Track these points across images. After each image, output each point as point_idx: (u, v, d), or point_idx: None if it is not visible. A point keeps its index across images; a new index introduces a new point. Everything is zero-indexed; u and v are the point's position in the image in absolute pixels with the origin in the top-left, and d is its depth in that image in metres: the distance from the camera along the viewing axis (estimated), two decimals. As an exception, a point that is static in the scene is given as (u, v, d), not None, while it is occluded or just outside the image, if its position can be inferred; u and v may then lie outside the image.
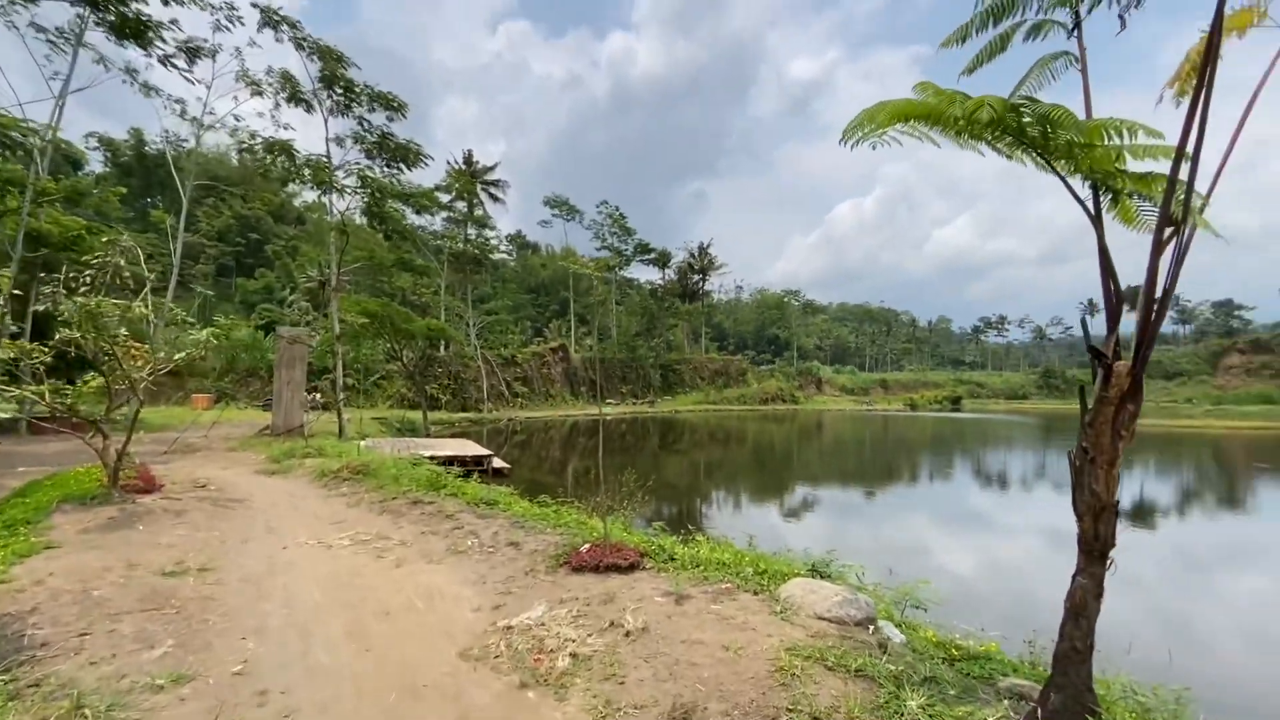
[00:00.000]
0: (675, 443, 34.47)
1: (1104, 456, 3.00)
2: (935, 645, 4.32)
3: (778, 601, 4.94)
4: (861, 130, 3.78)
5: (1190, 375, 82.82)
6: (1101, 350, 3.07)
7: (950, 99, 3.13)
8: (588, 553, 6.20)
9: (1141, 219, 3.34)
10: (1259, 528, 14.99)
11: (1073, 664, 3.00)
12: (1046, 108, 2.97)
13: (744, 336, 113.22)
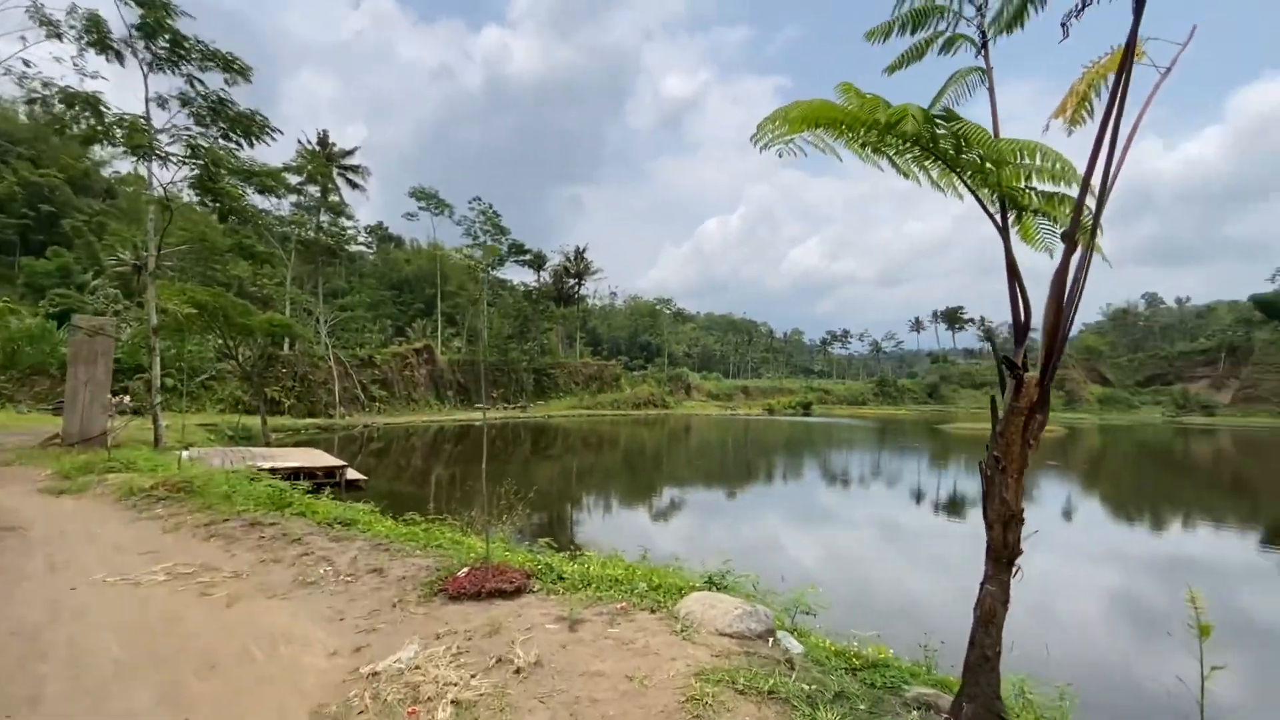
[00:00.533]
0: (549, 448, 33.74)
1: (1014, 465, 3.08)
2: (835, 654, 4.30)
3: (677, 619, 4.69)
4: (772, 130, 3.65)
5: (992, 385, 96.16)
6: (1015, 363, 3.15)
7: (875, 104, 3.08)
8: (467, 577, 5.58)
9: (1040, 239, 3.52)
10: (1044, 515, 17.40)
11: (983, 672, 3.03)
12: (963, 123, 3.01)
13: (618, 342, 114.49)
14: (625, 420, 54.69)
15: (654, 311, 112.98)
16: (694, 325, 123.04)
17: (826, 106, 3.29)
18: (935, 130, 3.09)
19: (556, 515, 16.21)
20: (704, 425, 53.07)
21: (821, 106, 3.31)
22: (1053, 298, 3.08)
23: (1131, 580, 11.62)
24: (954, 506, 18.94)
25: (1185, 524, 17.02)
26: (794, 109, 3.34)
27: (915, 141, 3.28)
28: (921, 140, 3.22)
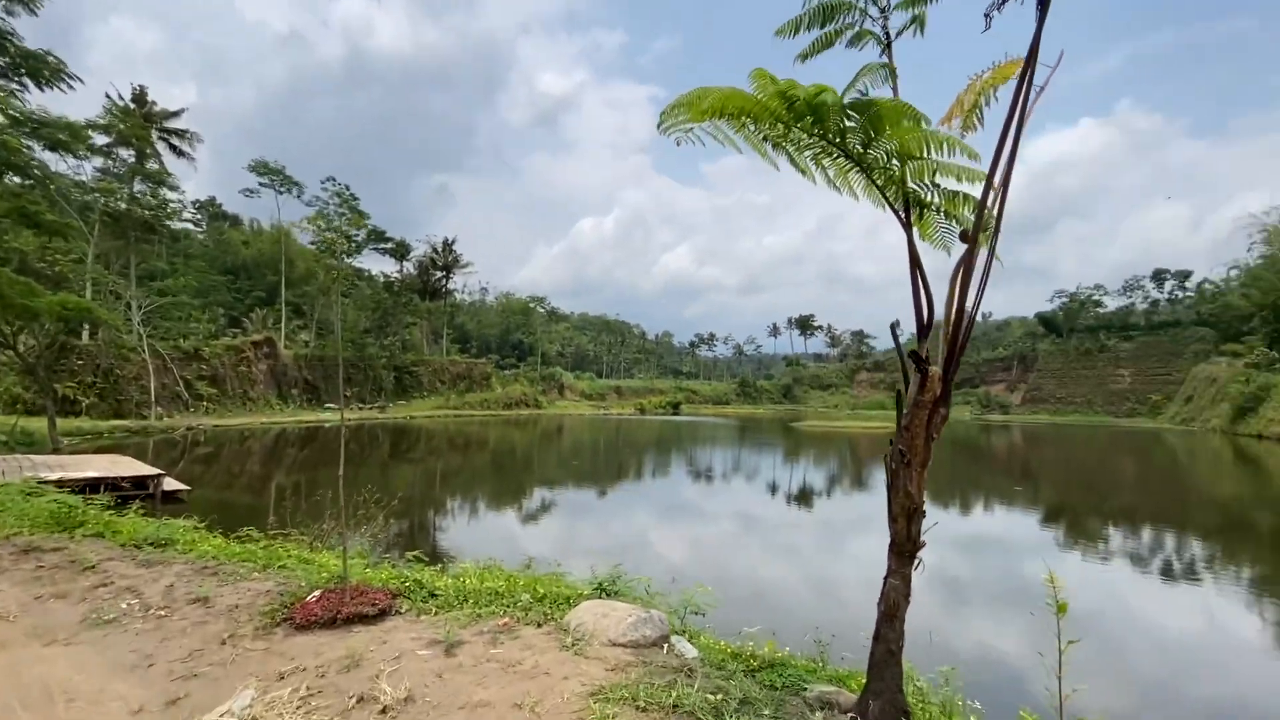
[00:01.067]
0: (411, 451, 31.60)
1: (918, 459, 3.10)
2: (732, 656, 4.19)
3: (567, 632, 4.35)
4: (676, 117, 3.46)
5: (837, 387, 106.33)
6: (922, 356, 3.18)
7: (791, 84, 2.97)
8: (319, 602, 4.81)
9: (939, 237, 3.62)
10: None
11: (888, 667, 3.03)
12: (880, 104, 2.95)
13: (488, 340, 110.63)
14: (496, 421, 52.85)
15: (527, 309, 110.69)
16: (568, 325, 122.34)
17: (739, 95, 3.14)
18: (845, 123, 3.05)
19: (423, 524, 15.05)
20: (577, 425, 52.76)
21: (734, 94, 3.15)
22: (954, 294, 3.16)
23: (968, 559, 13.06)
24: (805, 498, 20.37)
25: (986, 506, 19.69)
26: (707, 97, 3.16)
27: (822, 134, 3.22)
28: (829, 131, 3.17)
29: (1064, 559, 12.91)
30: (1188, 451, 38.03)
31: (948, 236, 3.62)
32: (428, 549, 8.61)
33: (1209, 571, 12.40)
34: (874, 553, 12.42)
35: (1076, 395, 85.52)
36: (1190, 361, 71.62)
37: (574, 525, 15.62)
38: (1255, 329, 58.91)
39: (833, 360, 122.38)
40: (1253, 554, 14.06)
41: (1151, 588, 11.20)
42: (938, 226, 3.64)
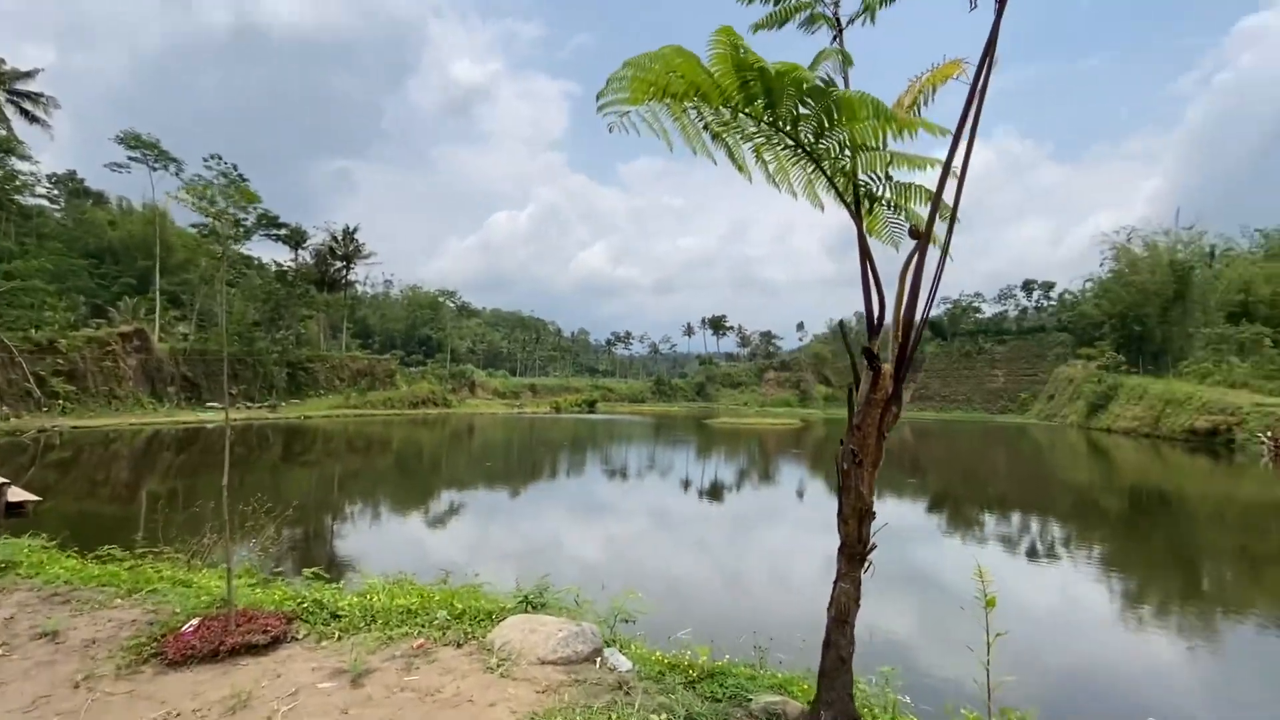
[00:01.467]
0: (306, 453, 29.39)
1: (870, 458, 3.07)
2: (669, 668, 4.02)
3: (491, 652, 4.03)
4: (618, 94, 3.17)
5: (747, 385, 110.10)
6: (874, 353, 3.14)
7: (758, 58, 2.76)
8: (197, 632, 4.20)
9: (888, 233, 3.61)
10: (782, 493, 20.16)
11: (839, 675, 2.96)
12: (842, 93, 2.84)
13: (393, 335, 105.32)
14: (401, 420, 50.28)
15: (436, 304, 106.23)
16: (480, 321, 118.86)
17: (690, 65, 2.84)
18: (799, 109, 2.93)
19: (321, 535, 13.92)
20: (489, 424, 51.22)
21: (685, 63, 2.83)
22: (903, 291, 3.15)
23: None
24: (720, 493, 20.83)
25: (878, 495, 21.02)
26: (653, 65, 2.89)
27: (773, 120, 3.07)
28: (781, 118, 3.02)
29: (948, 544, 13.97)
30: (1050, 445, 42.38)
31: (896, 232, 3.61)
32: (327, 563, 7.89)
33: (1066, 550, 13.86)
34: (793, 547, 12.86)
35: (958, 393, 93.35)
36: (1052, 363, 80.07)
37: (488, 530, 15.03)
38: (1105, 334, 66.49)
39: (743, 359, 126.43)
40: (1101, 534, 15.82)
41: (1019, 566, 12.27)
42: (887, 221, 3.63)
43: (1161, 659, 7.91)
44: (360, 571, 6.14)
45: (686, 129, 3.46)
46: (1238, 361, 44.61)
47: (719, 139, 3.55)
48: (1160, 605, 10.35)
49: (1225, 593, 11.19)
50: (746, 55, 2.75)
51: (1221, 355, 46.89)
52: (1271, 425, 31.67)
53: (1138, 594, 10.88)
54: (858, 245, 3.32)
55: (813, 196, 3.70)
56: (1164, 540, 15.43)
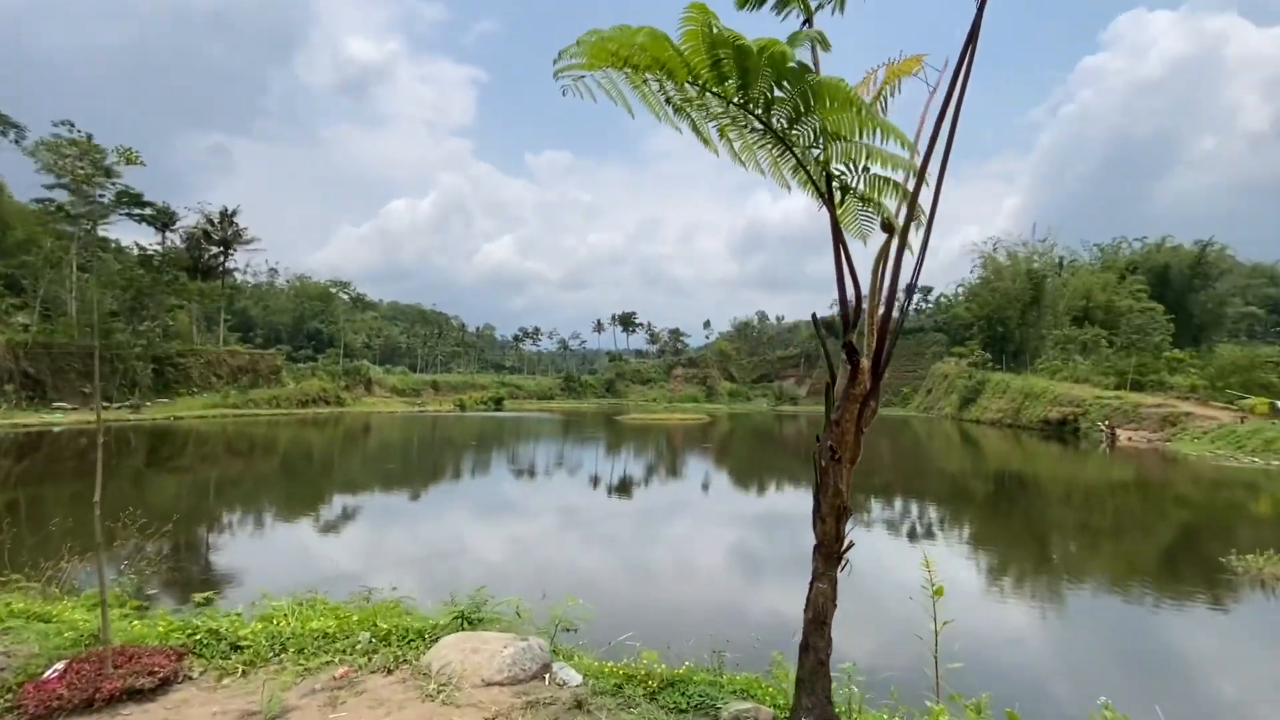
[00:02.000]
0: (174, 459, 26.50)
1: (848, 454, 3.10)
2: (625, 679, 3.90)
3: (428, 676, 3.78)
4: (576, 58, 2.98)
5: (656, 382, 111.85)
6: (855, 347, 3.18)
7: (736, 34, 2.68)
8: (65, 678, 3.65)
9: (857, 225, 3.65)
10: (688, 487, 20.78)
11: (818, 679, 2.91)
12: (817, 79, 2.81)
13: (278, 328, 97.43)
14: (288, 420, 46.57)
15: (327, 295, 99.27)
16: (376, 314, 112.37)
17: (658, 43, 2.72)
18: (774, 93, 2.90)
19: (205, 552, 12.61)
20: (388, 424, 48.59)
21: (653, 42, 2.71)
22: (879, 284, 3.23)
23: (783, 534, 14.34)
24: (632, 488, 21.04)
25: (778, 485, 22.35)
26: (613, 41, 2.75)
27: (744, 102, 3.00)
28: (753, 100, 2.96)
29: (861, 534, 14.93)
30: (928, 435, 46.36)
31: (866, 225, 3.64)
32: (218, 585, 7.11)
33: (943, 529, 15.37)
34: (719, 541, 13.09)
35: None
36: (930, 360, 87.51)
37: (399, 538, 14.22)
38: (974, 335, 73.49)
39: (652, 356, 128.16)
40: (972, 514, 17.58)
41: (900, 546, 13.39)
42: (857, 215, 3.58)
43: (1018, 624, 8.89)
44: (262, 592, 5.53)
45: (648, 98, 3.31)
46: (1081, 360, 50.82)
47: (682, 112, 3.44)
48: (1020, 575, 11.63)
49: (1074, 562, 12.72)
50: (721, 31, 2.64)
51: (1068, 354, 53.23)
52: (1109, 415, 36.41)
53: (1002, 567, 12.15)
54: (831, 234, 3.32)
55: (779, 178, 3.63)
56: (1024, 517, 17.33)
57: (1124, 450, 30.96)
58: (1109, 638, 8.61)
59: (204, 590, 5.58)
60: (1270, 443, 24.73)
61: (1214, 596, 9.83)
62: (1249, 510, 17.47)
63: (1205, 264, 62.77)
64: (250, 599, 5.47)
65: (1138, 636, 8.70)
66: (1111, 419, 35.89)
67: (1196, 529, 15.77)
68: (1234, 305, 67.90)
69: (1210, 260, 63.20)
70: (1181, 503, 19.04)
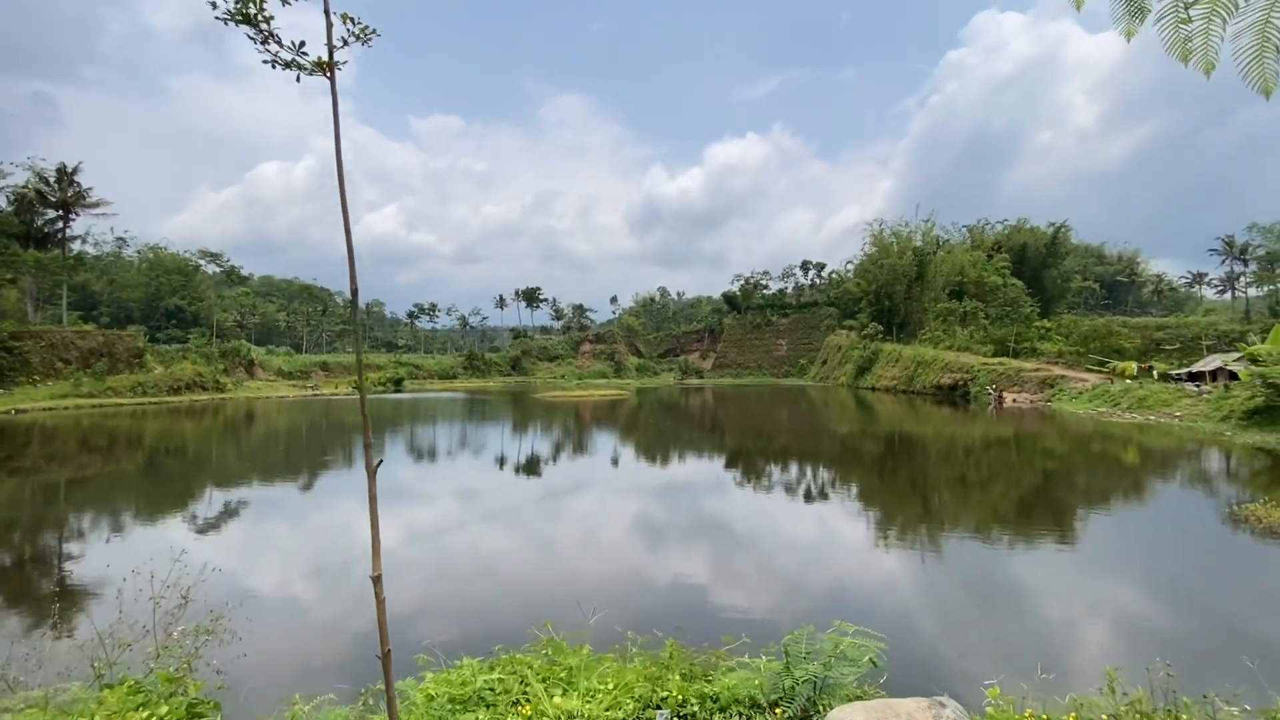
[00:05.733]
0: (10, 461, 22.40)
1: None
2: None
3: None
4: None
5: (563, 358, 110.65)
6: None
7: None
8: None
9: None
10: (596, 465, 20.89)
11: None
12: None
13: (128, 306, 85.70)
14: (159, 410, 41.05)
15: (185, 268, 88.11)
16: (247, 290, 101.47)
17: None
18: None
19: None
20: (279, 410, 44.24)
21: None
22: None
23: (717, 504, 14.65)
24: (530, 468, 20.66)
25: (683, 456, 23.72)
26: None
27: None
28: None
29: (740, 492, 16.37)
30: (835, 401, 49.61)
31: None
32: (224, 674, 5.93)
33: (838, 489, 16.74)
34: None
35: (751, 361, 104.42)
36: (824, 333, 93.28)
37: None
38: (863, 308, 79.11)
39: (556, 333, 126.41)
40: (865, 473, 19.09)
41: (797, 507, 14.57)
42: None
43: (898, 568, 9.92)
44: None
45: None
46: (960, 330, 56.29)
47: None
48: (923, 520, 12.77)
49: (983, 507, 14.09)
50: None
51: (948, 325, 58.74)
52: (995, 380, 40.72)
53: (910, 515, 13.25)
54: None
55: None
56: (921, 471, 19.03)
57: (1010, 411, 34.82)
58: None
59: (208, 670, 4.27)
60: (1142, 400, 28.90)
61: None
62: (1148, 451, 20.55)
63: (1058, 244, 71.35)
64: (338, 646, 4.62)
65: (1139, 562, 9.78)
66: (997, 383, 40.18)
67: (1120, 468, 18.16)
68: (1075, 281, 78.08)
69: (1061, 240, 71.93)
70: (1090, 448, 21.97)
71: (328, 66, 1.99)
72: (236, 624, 4.12)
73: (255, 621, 5.26)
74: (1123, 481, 16.60)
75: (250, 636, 4.71)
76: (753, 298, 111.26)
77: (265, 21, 2.01)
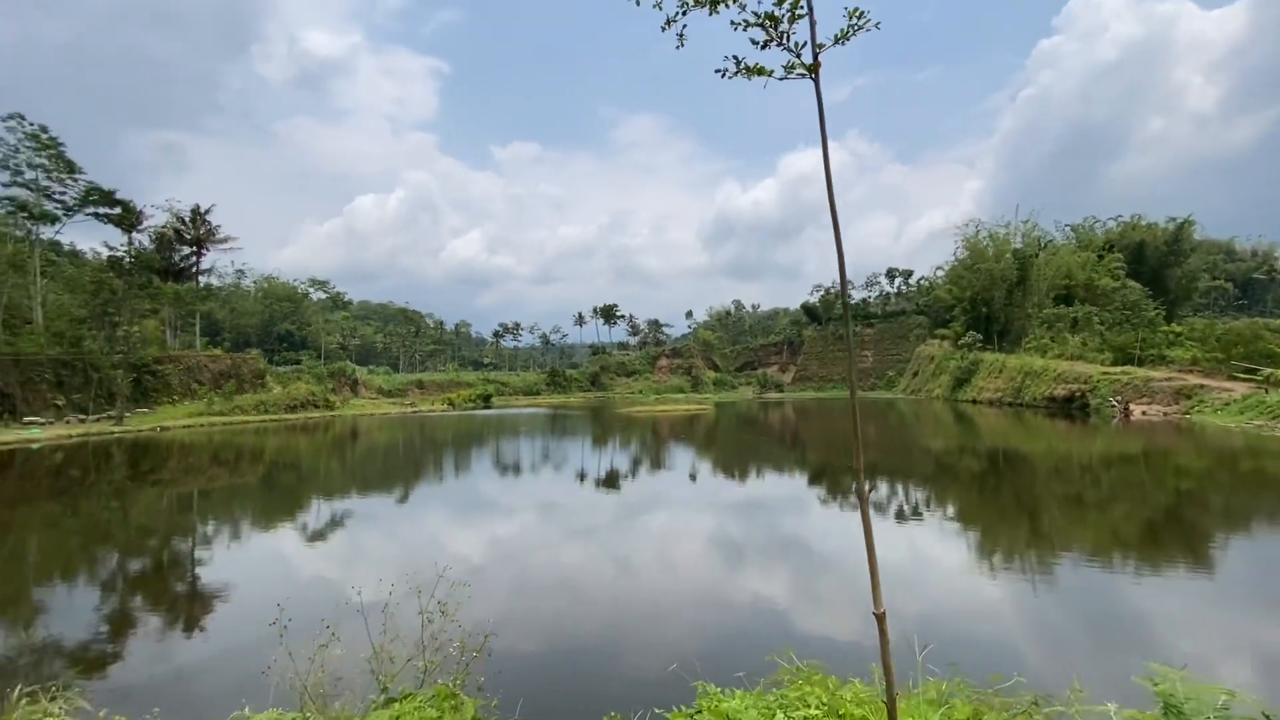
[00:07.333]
0: (152, 472, 24.69)
1: None
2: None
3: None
4: None
5: (640, 373, 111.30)
6: None
7: None
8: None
9: None
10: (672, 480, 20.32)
11: None
12: None
13: (246, 331, 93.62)
14: (279, 426, 44.45)
15: (295, 296, 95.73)
16: (347, 314, 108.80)
17: None
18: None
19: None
20: (387, 425, 46.85)
21: None
22: None
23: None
24: (610, 481, 20.44)
25: (778, 471, 23.32)
26: None
27: None
28: None
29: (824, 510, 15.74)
30: (922, 415, 46.96)
31: None
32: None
33: (932, 509, 15.67)
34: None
35: (834, 374, 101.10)
36: (913, 344, 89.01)
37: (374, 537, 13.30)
38: (956, 316, 74.85)
39: (633, 348, 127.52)
40: (972, 492, 17.60)
41: (890, 527, 13.57)
42: None
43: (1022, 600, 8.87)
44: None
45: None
46: (1071, 338, 52.11)
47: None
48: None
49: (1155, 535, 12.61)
50: None
51: (1057, 332, 54.52)
52: (1119, 391, 37.32)
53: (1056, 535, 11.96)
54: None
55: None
56: (1040, 490, 17.33)
57: (1139, 425, 31.69)
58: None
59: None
60: (1306, 412, 25.51)
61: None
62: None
63: (1181, 240, 65.08)
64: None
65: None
66: (1122, 394, 36.79)
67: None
68: (1203, 280, 70.79)
69: (1184, 236, 65.56)
70: (1239, 466, 19.51)
71: (812, 69, 1.95)
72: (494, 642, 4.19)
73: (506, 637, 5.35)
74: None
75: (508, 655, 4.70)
76: (834, 308, 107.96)
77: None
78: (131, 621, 8.63)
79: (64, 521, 15.90)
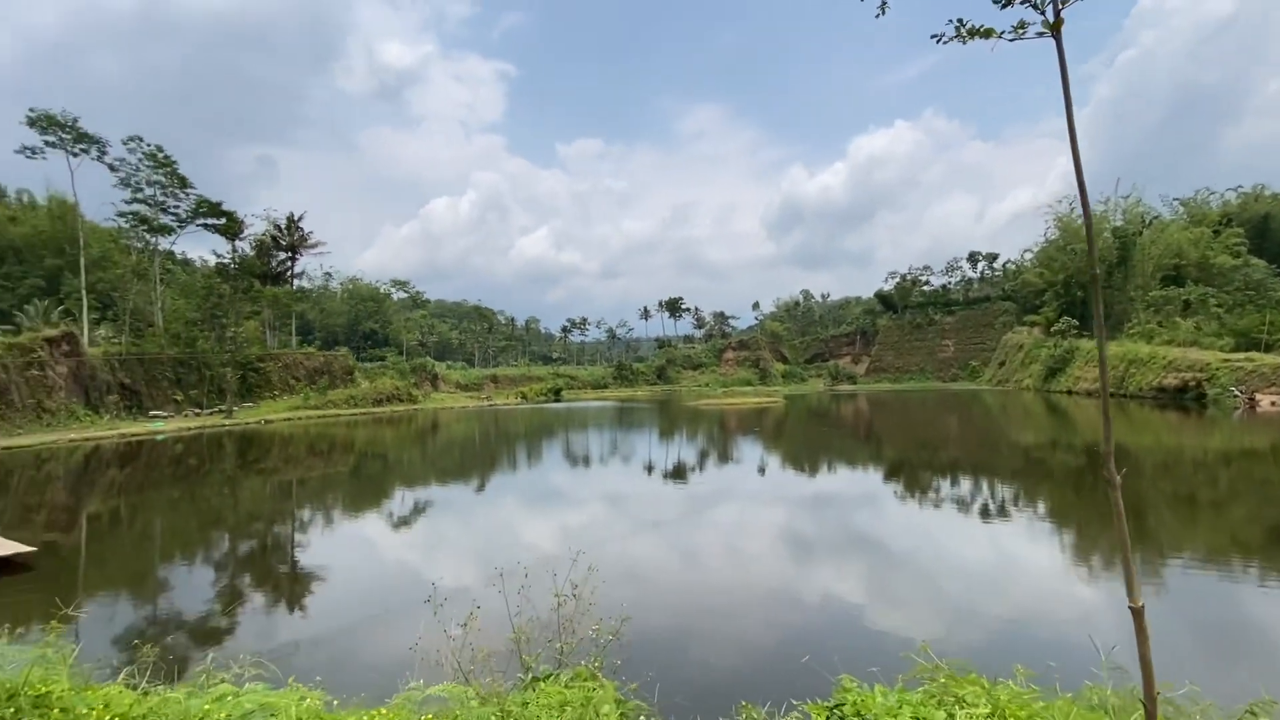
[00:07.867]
0: (260, 461, 26.69)
1: None
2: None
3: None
4: None
5: (706, 366, 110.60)
6: None
7: None
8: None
9: None
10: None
11: None
12: None
13: (334, 330, 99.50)
14: (367, 420, 47.11)
15: (378, 296, 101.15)
16: (424, 313, 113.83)
17: None
18: None
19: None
20: (465, 418, 48.75)
21: None
22: None
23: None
24: (678, 473, 20.10)
25: (852, 466, 22.58)
26: None
27: None
28: None
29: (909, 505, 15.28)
30: (1011, 407, 44.16)
31: None
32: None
33: (1021, 506, 14.84)
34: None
35: (911, 364, 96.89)
36: (999, 331, 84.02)
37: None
38: (1047, 301, 70.08)
39: (699, 341, 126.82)
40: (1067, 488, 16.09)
41: (973, 525, 12.93)
42: None
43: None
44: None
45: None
46: (1183, 322, 47.71)
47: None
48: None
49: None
50: None
51: (1166, 316, 50.07)
52: (1243, 380, 33.90)
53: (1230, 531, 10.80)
54: None
55: None
56: (1164, 493, 15.78)
57: (1268, 416, 28.67)
58: None
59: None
60: None
61: None
62: None
63: (1314, 212, 58.37)
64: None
65: None
66: (1247, 383, 33.40)
67: None
68: (1342, 256, 63.02)
69: (1319, 207, 58.74)
70: None
71: (1055, 26, 1.87)
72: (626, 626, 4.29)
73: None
74: None
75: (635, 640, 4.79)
76: (910, 295, 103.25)
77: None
78: (276, 597, 9.44)
79: (202, 503, 17.45)
